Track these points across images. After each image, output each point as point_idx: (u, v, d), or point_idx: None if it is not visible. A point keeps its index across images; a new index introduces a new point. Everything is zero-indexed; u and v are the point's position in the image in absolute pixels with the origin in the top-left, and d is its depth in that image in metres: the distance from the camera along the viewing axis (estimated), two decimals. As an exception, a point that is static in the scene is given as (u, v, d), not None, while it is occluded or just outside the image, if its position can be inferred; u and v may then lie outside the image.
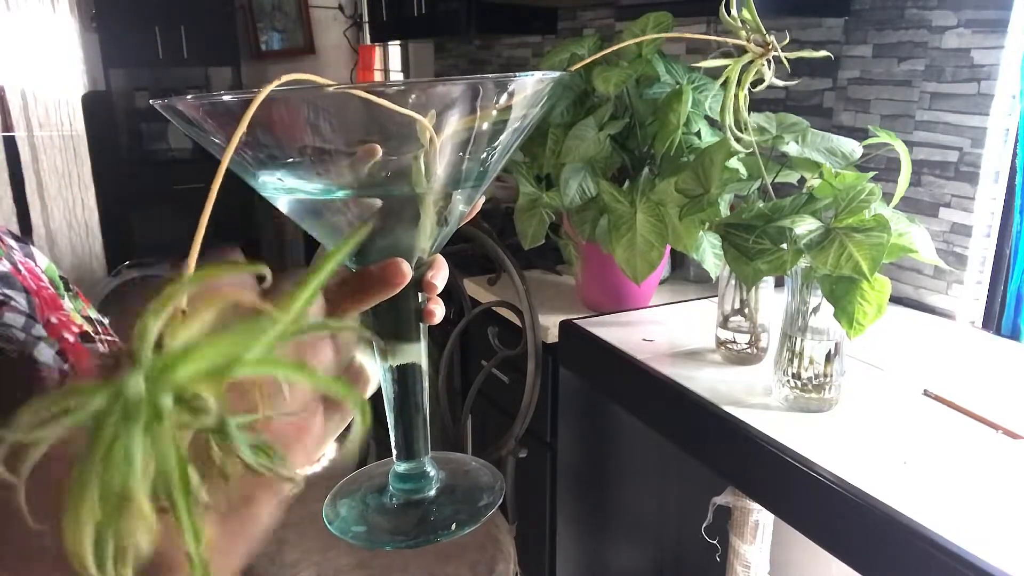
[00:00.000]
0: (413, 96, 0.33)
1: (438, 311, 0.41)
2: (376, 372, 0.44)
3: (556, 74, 0.37)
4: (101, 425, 0.21)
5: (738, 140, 0.81)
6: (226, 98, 0.33)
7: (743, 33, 0.46)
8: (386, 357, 0.41)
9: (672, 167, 1.15)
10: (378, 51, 3.93)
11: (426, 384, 0.42)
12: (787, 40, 0.54)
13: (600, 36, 1.31)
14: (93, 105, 3.61)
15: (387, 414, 0.41)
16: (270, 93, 0.31)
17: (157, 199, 3.71)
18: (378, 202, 0.37)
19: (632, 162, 1.22)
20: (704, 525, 1.34)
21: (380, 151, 0.35)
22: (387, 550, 1.13)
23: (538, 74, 0.36)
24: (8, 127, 3.62)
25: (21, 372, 0.36)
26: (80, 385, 0.21)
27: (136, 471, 0.21)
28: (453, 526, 0.40)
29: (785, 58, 0.43)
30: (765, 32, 0.42)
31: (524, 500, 1.48)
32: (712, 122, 1.21)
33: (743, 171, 1.02)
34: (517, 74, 0.35)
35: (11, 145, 3.64)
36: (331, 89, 0.32)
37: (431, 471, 0.42)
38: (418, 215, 0.37)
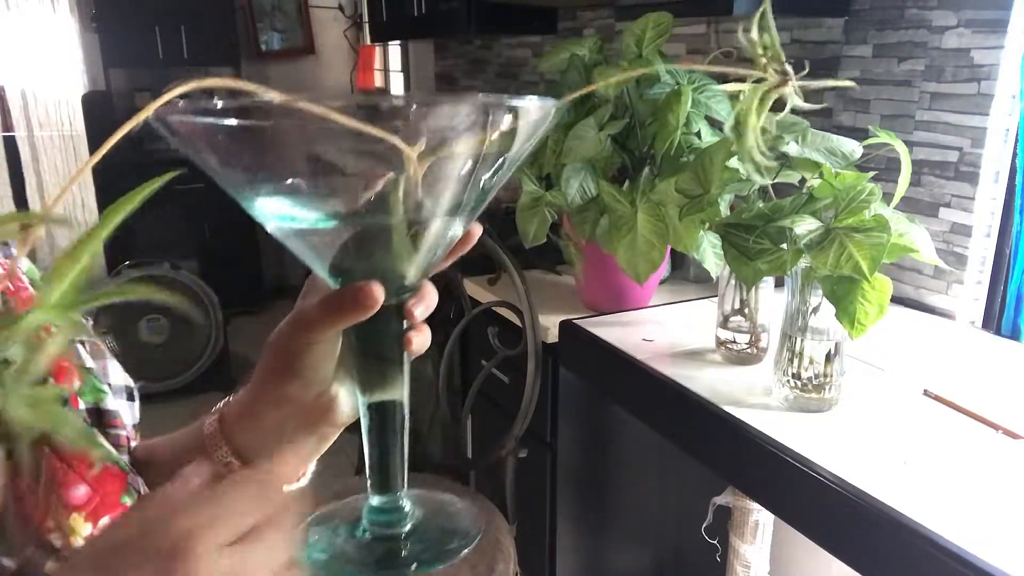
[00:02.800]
0: (398, 116, 0.32)
1: (417, 341, 0.39)
2: (354, 403, 0.44)
3: (552, 103, 0.36)
4: None
5: (765, 172, 0.81)
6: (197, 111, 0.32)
7: (761, 59, 0.45)
8: (364, 391, 0.40)
9: (672, 167, 1.15)
10: (378, 51, 3.93)
11: (406, 418, 0.41)
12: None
13: (600, 36, 1.31)
14: (93, 105, 3.60)
15: (364, 447, 0.41)
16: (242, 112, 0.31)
17: (157, 199, 3.67)
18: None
19: (632, 162, 1.22)
20: (704, 525, 1.34)
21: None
22: None
23: (534, 100, 0.35)
24: (8, 127, 3.62)
25: None
26: None
27: None
28: (414, 565, 0.39)
29: (804, 87, 0.41)
30: (784, 59, 0.41)
31: (524, 500, 1.48)
32: (712, 122, 1.21)
33: (743, 171, 1.02)
34: (512, 97, 0.34)
35: (11, 145, 3.64)
36: (283, 101, 0.30)
37: (406, 506, 0.41)
38: (400, 241, 0.36)
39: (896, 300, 1.32)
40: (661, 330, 1.22)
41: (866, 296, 0.82)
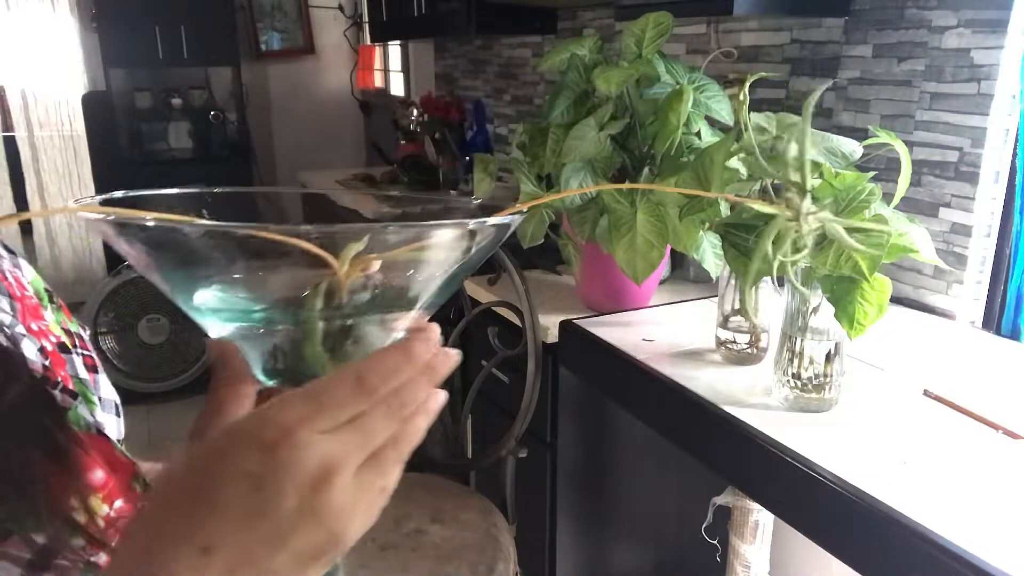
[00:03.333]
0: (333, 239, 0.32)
1: None
2: None
3: (509, 219, 0.36)
4: None
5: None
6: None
7: (787, 187, 0.43)
8: None
9: (672, 167, 1.15)
10: (378, 51, 3.93)
11: None
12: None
13: (600, 36, 1.31)
14: (93, 105, 3.60)
15: None
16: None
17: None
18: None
19: (632, 162, 1.22)
20: (704, 525, 1.34)
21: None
22: None
23: (491, 221, 0.35)
24: (8, 127, 3.62)
25: (16, 358, 0.40)
26: None
27: None
28: None
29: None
30: (804, 192, 0.40)
31: (524, 500, 1.48)
32: (712, 122, 1.21)
33: (743, 171, 1.02)
34: (468, 222, 0.34)
35: (11, 145, 3.64)
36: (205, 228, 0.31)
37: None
38: (314, 349, 0.36)
39: (896, 300, 1.32)
40: (661, 330, 1.22)
41: (865, 296, 0.82)
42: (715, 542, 1.40)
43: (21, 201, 3.69)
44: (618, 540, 1.58)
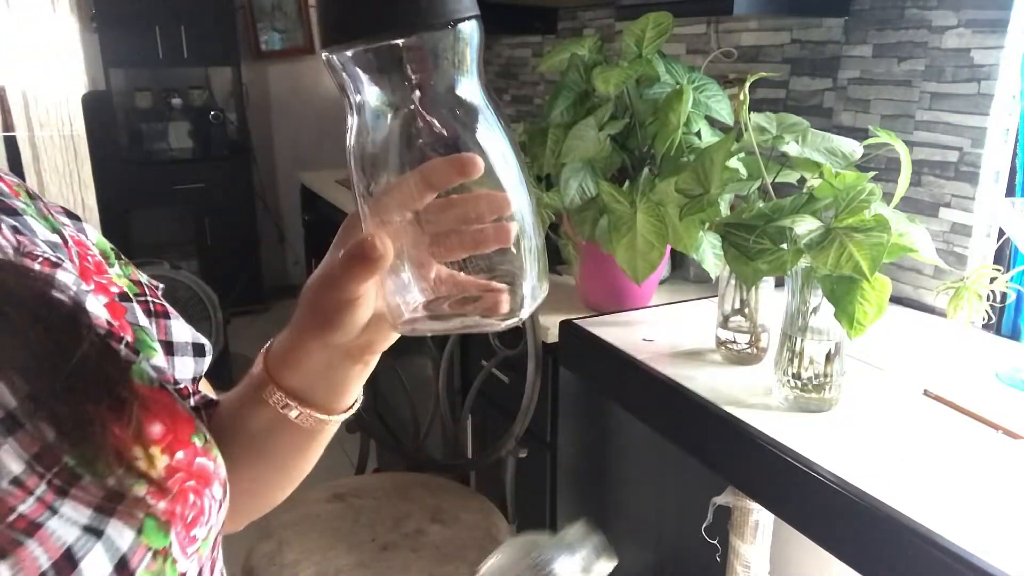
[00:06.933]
0: None
1: None
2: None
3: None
4: None
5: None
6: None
7: None
8: None
9: (672, 167, 1.15)
10: (378, 51, 3.92)
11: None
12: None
13: (600, 36, 1.31)
14: (93, 105, 3.60)
15: None
16: None
17: (157, 199, 3.71)
18: None
19: (632, 162, 1.22)
20: (704, 525, 1.34)
21: None
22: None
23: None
24: (8, 127, 3.62)
25: (80, 318, 0.42)
26: None
27: None
28: None
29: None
30: None
31: (524, 500, 1.48)
32: (712, 122, 1.21)
33: (743, 171, 1.02)
34: None
35: (11, 145, 3.64)
36: None
37: None
38: None
39: (896, 300, 1.32)
40: (661, 330, 1.22)
41: (865, 296, 0.82)
42: (715, 542, 1.40)
43: (21, 201, 3.69)
44: (618, 540, 1.58)
